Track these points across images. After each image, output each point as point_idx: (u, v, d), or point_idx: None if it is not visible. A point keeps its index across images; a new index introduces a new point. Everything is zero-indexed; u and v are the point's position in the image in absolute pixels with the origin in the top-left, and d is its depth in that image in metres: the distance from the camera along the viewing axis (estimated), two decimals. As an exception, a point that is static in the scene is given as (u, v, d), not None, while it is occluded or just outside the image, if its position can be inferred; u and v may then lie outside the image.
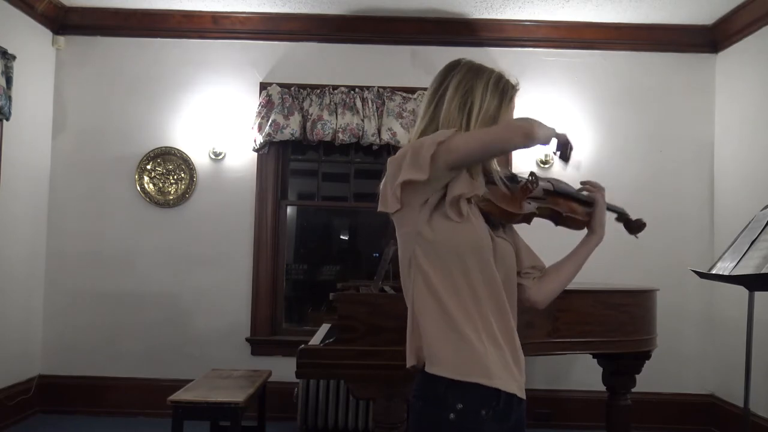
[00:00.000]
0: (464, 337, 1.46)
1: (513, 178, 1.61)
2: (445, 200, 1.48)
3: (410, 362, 1.55)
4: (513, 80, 1.60)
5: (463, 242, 1.48)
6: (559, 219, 1.70)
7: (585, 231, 1.80)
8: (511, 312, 1.56)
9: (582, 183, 1.80)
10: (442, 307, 1.48)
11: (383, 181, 1.56)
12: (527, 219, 1.62)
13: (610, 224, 1.84)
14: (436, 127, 1.53)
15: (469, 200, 1.49)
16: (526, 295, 1.69)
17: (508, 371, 1.50)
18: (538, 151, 4.55)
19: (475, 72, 1.56)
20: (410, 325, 1.56)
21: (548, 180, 1.71)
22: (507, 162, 4.53)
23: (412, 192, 1.49)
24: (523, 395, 1.54)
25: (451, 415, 1.44)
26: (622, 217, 1.92)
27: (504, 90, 1.56)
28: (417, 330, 1.53)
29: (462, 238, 1.48)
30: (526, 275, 1.69)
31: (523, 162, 4.52)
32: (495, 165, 1.59)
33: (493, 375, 1.46)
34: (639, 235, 1.95)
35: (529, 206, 1.60)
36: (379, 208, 1.55)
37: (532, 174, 1.60)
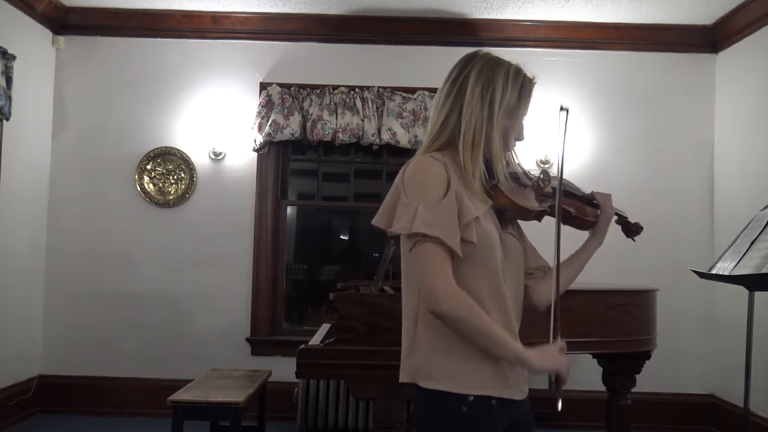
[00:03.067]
0: (462, 345, 1.47)
1: (516, 176, 1.62)
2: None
3: (404, 378, 1.55)
4: (530, 74, 1.61)
5: (472, 252, 1.48)
6: (567, 218, 1.71)
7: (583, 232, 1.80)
8: (515, 312, 1.58)
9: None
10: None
11: (392, 194, 1.54)
12: (540, 216, 1.63)
13: (611, 225, 1.85)
14: (459, 115, 1.52)
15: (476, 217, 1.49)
16: (527, 295, 1.70)
17: (511, 380, 1.52)
18: (537, 151, 4.54)
19: (495, 63, 1.57)
20: (409, 338, 1.54)
21: (563, 181, 1.71)
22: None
23: None
24: (519, 397, 1.57)
25: (463, 408, 1.47)
26: (621, 219, 1.92)
27: (523, 83, 1.57)
28: (414, 344, 1.52)
29: (471, 251, 1.48)
30: (530, 276, 1.70)
31: (523, 161, 4.51)
32: (513, 161, 1.61)
33: (498, 385, 1.50)
34: (636, 238, 1.97)
35: (542, 204, 1.61)
36: (381, 225, 1.55)
37: (543, 172, 1.61)
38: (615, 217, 1.91)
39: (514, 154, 1.63)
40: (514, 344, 1.48)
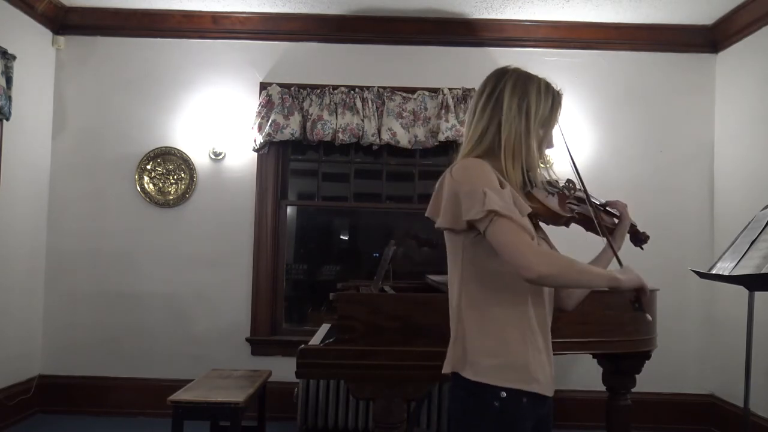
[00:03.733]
0: (501, 339, 1.57)
1: (547, 184, 1.73)
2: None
3: (446, 369, 1.65)
4: (557, 87, 1.72)
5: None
6: (590, 225, 1.78)
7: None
8: (549, 308, 1.68)
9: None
10: (477, 310, 1.59)
11: (446, 192, 1.60)
12: (568, 222, 1.72)
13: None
14: (498, 127, 1.62)
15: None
16: (557, 296, 1.79)
17: (544, 374, 1.62)
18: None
19: (526, 78, 1.67)
20: (454, 331, 1.65)
21: (583, 187, 1.78)
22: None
23: None
24: (549, 393, 1.64)
25: (496, 403, 1.54)
26: (632, 228, 1.98)
27: (554, 95, 1.69)
28: (461, 336, 1.62)
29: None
30: None
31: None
32: (542, 170, 1.71)
33: (532, 380, 1.57)
34: (644, 247, 2.06)
35: (569, 210, 1.71)
36: (449, 225, 1.60)
37: (569, 181, 1.74)
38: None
39: (542, 163, 1.72)
40: (606, 272, 1.59)
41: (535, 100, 1.63)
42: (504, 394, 1.54)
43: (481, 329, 1.58)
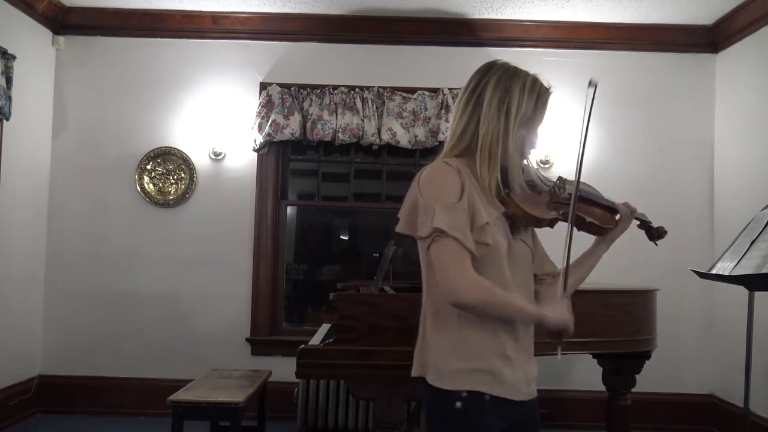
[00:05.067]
0: (465, 343, 1.53)
1: (533, 183, 1.66)
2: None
3: (414, 372, 1.63)
4: (546, 83, 1.64)
5: (482, 256, 1.53)
6: (582, 224, 1.72)
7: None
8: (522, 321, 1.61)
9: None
10: (443, 315, 1.56)
11: (409, 199, 1.58)
12: (552, 223, 1.65)
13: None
14: (477, 125, 1.57)
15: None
16: (537, 299, 1.73)
17: (514, 378, 1.56)
18: (538, 151, 4.54)
19: (512, 73, 1.60)
20: (421, 335, 1.63)
21: (574, 185, 1.69)
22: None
23: None
24: (518, 398, 1.58)
25: (458, 404, 1.52)
26: (644, 224, 1.91)
27: (540, 93, 1.60)
28: (426, 341, 1.60)
29: (481, 253, 1.53)
30: (540, 281, 1.74)
31: (523, 162, 4.52)
32: (529, 168, 1.65)
33: (495, 383, 1.54)
34: (659, 242, 1.94)
35: (554, 211, 1.64)
36: (406, 231, 1.58)
37: (559, 179, 1.66)
38: (636, 222, 1.89)
39: (528, 161, 1.66)
40: (533, 307, 1.57)
41: (517, 98, 1.56)
42: (465, 394, 1.52)
43: (444, 335, 1.55)
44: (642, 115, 4.63)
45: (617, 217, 1.78)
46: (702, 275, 3.16)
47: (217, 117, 4.61)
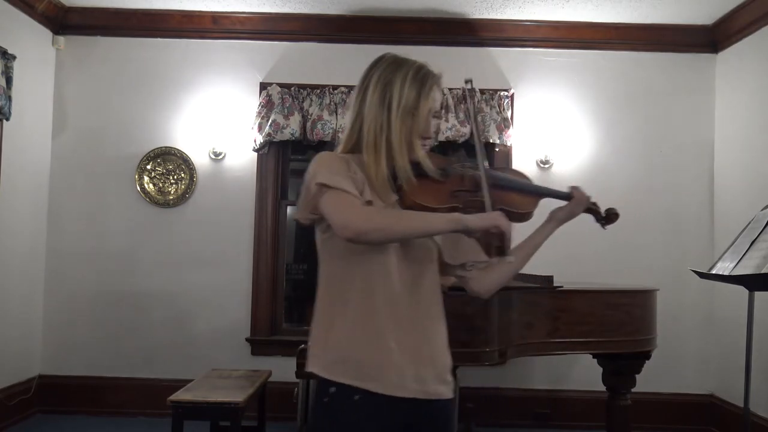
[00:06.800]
0: (344, 334, 1.48)
1: (445, 170, 1.57)
2: None
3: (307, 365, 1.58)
4: (436, 70, 1.59)
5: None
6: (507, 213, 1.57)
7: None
8: (412, 305, 1.52)
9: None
10: (329, 303, 1.53)
11: (303, 190, 1.54)
12: (452, 212, 1.54)
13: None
14: (362, 121, 1.55)
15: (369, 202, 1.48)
16: (469, 286, 1.69)
17: (398, 375, 1.47)
18: (537, 152, 4.54)
19: (396, 65, 1.58)
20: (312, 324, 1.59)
21: (487, 171, 1.60)
22: (508, 160, 4.54)
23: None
24: (404, 394, 1.48)
25: (325, 399, 1.48)
26: (590, 208, 1.77)
27: (423, 80, 1.55)
28: (313, 329, 1.56)
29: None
30: (470, 267, 1.66)
31: (523, 161, 4.52)
32: (423, 155, 1.54)
33: (369, 378, 1.46)
34: (609, 227, 1.81)
35: (455, 200, 1.54)
36: (301, 212, 1.54)
37: (462, 166, 1.59)
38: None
39: (422, 150, 1.56)
40: (448, 215, 1.46)
41: (398, 89, 1.52)
42: (333, 389, 1.47)
43: (327, 324, 1.51)
44: (642, 115, 4.62)
45: (538, 201, 1.67)
46: (702, 275, 3.16)
47: (217, 117, 4.61)
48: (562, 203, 1.73)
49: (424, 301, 1.55)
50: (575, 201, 1.70)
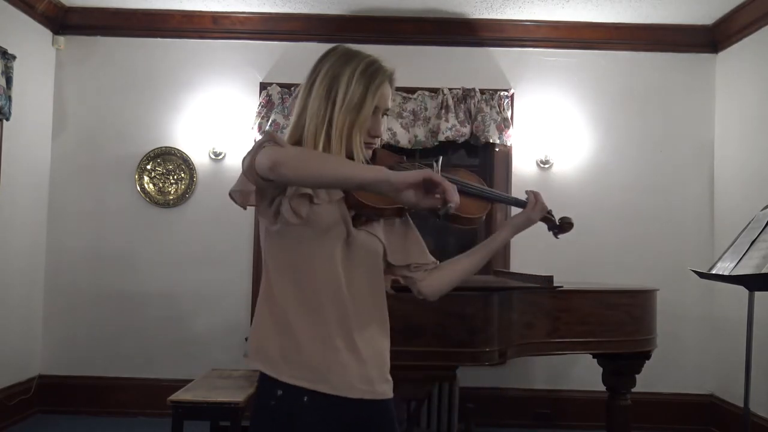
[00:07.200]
0: (288, 333, 1.44)
1: (391, 167, 1.44)
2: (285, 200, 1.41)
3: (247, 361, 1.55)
4: (388, 66, 1.53)
5: (303, 232, 1.43)
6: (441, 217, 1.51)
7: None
8: (357, 306, 1.48)
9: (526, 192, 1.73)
10: (272, 300, 1.47)
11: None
12: (399, 213, 1.51)
13: (606, 226, 1.81)
14: (306, 115, 1.48)
15: (311, 199, 1.42)
16: (416, 288, 1.65)
17: (345, 375, 1.44)
18: (537, 152, 4.54)
19: (346, 59, 1.50)
20: (253, 321, 1.55)
21: (443, 173, 1.47)
22: (508, 161, 4.54)
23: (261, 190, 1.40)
24: (350, 395, 1.45)
25: (272, 402, 1.44)
26: (544, 217, 1.72)
27: (372, 75, 1.49)
28: (254, 326, 1.51)
29: (302, 230, 1.43)
30: (415, 268, 1.63)
31: (523, 161, 4.52)
32: (359, 151, 1.48)
33: (319, 379, 1.42)
34: (562, 236, 1.76)
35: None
36: (242, 201, 1.43)
37: (411, 164, 1.52)
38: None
39: (362, 147, 1.50)
40: (372, 166, 1.35)
41: (344, 84, 1.45)
42: (281, 392, 1.43)
43: (271, 322, 1.45)
44: (642, 115, 4.62)
45: (489, 206, 1.63)
46: (702, 275, 3.16)
47: (217, 117, 4.61)
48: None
49: (369, 301, 1.51)
50: (531, 206, 1.67)
